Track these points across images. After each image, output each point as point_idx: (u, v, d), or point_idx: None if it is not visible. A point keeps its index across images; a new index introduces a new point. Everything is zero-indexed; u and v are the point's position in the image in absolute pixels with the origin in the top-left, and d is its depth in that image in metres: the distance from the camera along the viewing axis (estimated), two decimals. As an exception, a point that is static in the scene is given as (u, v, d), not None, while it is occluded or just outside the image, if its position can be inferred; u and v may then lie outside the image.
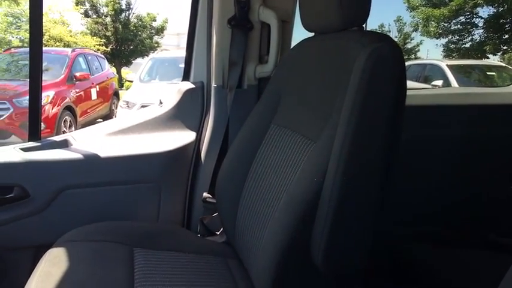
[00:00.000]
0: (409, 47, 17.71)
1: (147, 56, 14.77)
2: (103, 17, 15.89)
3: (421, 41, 17.47)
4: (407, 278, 1.46)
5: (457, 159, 1.60)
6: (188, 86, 1.40)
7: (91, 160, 1.25)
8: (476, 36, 13.82)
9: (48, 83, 5.93)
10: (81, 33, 15.32)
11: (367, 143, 0.72)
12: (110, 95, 7.91)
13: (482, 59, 12.78)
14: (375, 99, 0.73)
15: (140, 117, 1.40)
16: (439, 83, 6.65)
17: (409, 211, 1.50)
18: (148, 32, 16.69)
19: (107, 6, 15.70)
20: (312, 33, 1.06)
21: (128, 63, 16.32)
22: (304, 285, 0.78)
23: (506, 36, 13.10)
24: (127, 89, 9.46)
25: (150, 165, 1.29)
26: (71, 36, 14.43)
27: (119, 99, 8.09)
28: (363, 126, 0.71)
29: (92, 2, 15.65)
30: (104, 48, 14.72)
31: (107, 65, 8.57)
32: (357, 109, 0.71)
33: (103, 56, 8.91)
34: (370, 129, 0.72)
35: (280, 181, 0.91)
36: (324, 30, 0.99)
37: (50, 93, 5.72)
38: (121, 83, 12.07)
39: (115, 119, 1.60)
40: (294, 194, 0.78)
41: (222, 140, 1.34)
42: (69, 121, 6.06)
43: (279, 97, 1.07)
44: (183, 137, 1.38)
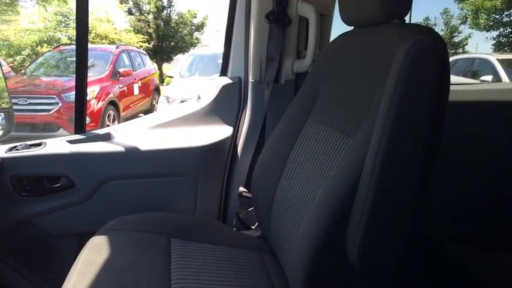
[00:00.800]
0: (456, 40, 16.92)
1: (187, 52, 15.05)
2: (145, 14, 16.32)
3: (469, 34, 16.63)
4: (443, 278, 1.41)
5: (500, 158, 1.52)
6: (226, 81, 1.42)
7: (132, 153, 1.29)
8: (531, 28, 13.04)
9: (93, 78, 6.19)
10: (124, 31, 15.83)
11: (406, 139, 0.70)
12: (151, 91, 8.13)
13: (537, 53, 12.02)
14: (415, 94, 0.70)
15: (179, 112, 1.43)
16: (489, 78, 6.29)
17: (447, 210, 1.44)
18: (188, 29, 16.99)
19: (149, 4, 16.11)
20: (351, 27, 1.04)
21: (169, 59, 16.70)
22: (338, 282, 0.77)
23: None
24: (167, 84, 9.69)
25: (187, 159, 1.32)
26: (115, 33, 14.93)
27: (159, 95, 8.30)
28: (401, 122, 0.69)
29: (135, 0, 16.12)
30: (146, 44, 15.13)
31: (148, 61, 8.80)
32: (395, 104, 0.69)
33: (145, 53, 9.16)
34: (409, 124, 0.70)
35: (315, 177, 0.90)
36: (364, 24, 0.97)
37: (95, 89, 5.97)
38: (162, 78, 12.38)
39: (155, 113, 1.64)
40: (330, 189, 0.77)
41: (258, 135, 1.35)
42: (113, 115, 6.29)
43: (316, 92, 1.06)
44: (220, 131, 1.39)
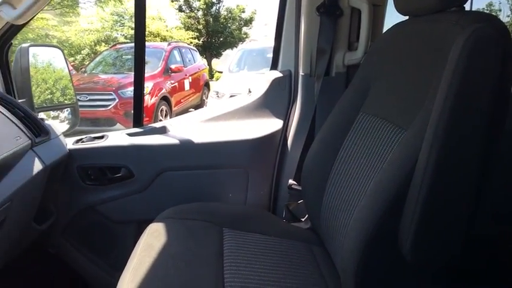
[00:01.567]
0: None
1: (236, 47, 15.21)
2: (195, 11, 16.68)
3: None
4: (498, 279, 1.33)
5: None
6: (276, 75, 1.43)
7: (186, 145, 1.35)
8: None
9: (147, 75, 6.43)
10: (175, 28, 16.28)
11: (463, 132, 0.67)
12: (201, 86, 8.33)
13: None
14: (473, 86, 0.67)
15: (230, 106, 1.47)
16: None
17: (506, 208, 1.36)
18: (237, 24, 17.15)
19: (199, 1, 16.44)
20: (406, 17, 1.01)
21: (218, 55, 16.98)
22: (389, 274, 0.76)
23: None
24: (217, 79, 9.87)
25: (239, 152, 1.36)
26: (167, 31, 15.39)
27: (209, 90, 8.48)
28: (458, 114, 0.66)
29: (186, -3, 16.54)
30: (196, 41, 15.48)
31: (198, 57, 9.01)
32: (452, 96, 0.66)
33: (195, 49, 9.38)
34: (466, 117, 0.67)
35: (367, 169, 0.89)
36: (419, 13, 0.94)
37: (149, 85, 6.21)
38: (211, 74, 12.62)
39: (207, 107, 1.69)
40: (383, 181, 0.76)
41: (308, 129, 1.35)
42: (165, 110, 6.53)
43: (368, 84, 1.04)
44: (271, 124, 1.41)
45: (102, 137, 1.40)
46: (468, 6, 0.87)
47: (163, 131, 1.41)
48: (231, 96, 5.71)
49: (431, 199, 0.66)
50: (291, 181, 1.33)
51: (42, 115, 1.43)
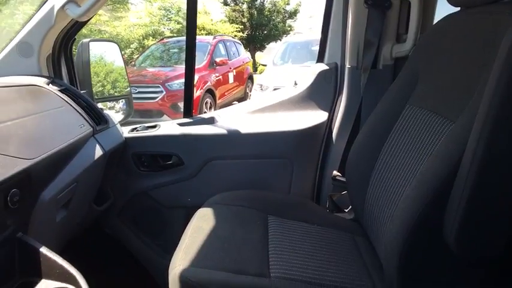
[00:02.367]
0: None
1: (280, 40, 15.13)
2: (240, 4, 16.77)
3: None
4: None
5: None
6: (322, 67, 1.44)
7: (234, 135, 1.40)
8: None
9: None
10: (220, 21, 16.46)
11: (511, 125, 0.66)
12: (245, 79, 8.41)
13: None
14: None
15: (276, 98, 1.50)
16: None
17: None
18: (281, 16, 17.07)
19: (244, -6, 16.52)
20: (457, 8, 1.00)
21: (262, 48, 17.00)
22: (431, 264, 0.77)
23: None
24: (260, 72, 9.91)
25: (284, 142, 1.39)
26: (212, 24, 15.58)
27: (253, 83, 8.54)
28: (507, 107, 0.66)
29: (231, -10, 16.65)
30: (241, 34, 15.57)
31: (243, 50, 9.09)
32: (502, 88, 0.65)
33: (240, 42, 9.47)
34: None
35: (413, 161, 0.90)
36: (471, 4, 0.92)
37: (195, 78, 6.36)
38: (255, 67, 12.67)
39: (254, 99, 1.73)
40: (428, 171, 0.77)
41: (353, 121, 1.36)
42: (210, 103, 6.67)
43: (416, 77, 1.04)
44: (316, 116, 1.43)
45: (154, 126, 1.48)
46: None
47: (211, 121, 1.47)
48: (275, 89, 5.72)
49: (476, 191, 0.66)
50: (335, 172, 1.35)
51: (100, 105, 1.54)
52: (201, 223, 1.08)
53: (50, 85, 1.27)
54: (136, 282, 1.55)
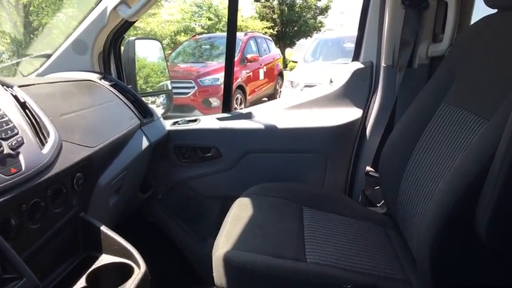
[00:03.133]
0: None
1: (310, 37, 15.04)
2: (271, 0, 16.76)
3: None
4: None
5: None
6: (357, 66, 1.48)
7: (270, 130, 1.46)
8: None
9: (223, 65, 6.69)
10: (251, 18, 16.51)
11: None
12: (275, 76, 8.43)
13: None
14: None
15: (312, 95, 1.55)
16: None
17: None
18: (312, 13, 16.96)
19: (274, -10, 16.50)
20: (495, 10, 1.02)
21: (292, 44, 16.96)
22: (463, 255, 0.80)
23: None
24: (291, 69, 9.90)
25: (319, 137, 1.44)
26: (242, 21, 15.64)
27: (283, 80, 8.56)
28: None
29: (262, -13, 16.66)
30: (271, 30, 15.58)
31: (273, 46, 9.10)
32: None
33: (270, 39, 9.49)
34: None
35: (446, 157, 0.93)
36: (509, 6, 0.94)
37: (228, 75, 6.44)
38: (285, 63, 12.67)
39: (287, 97, 1.79)
40: (462, 166, 0.80)
41: (388, 118, 1.39)
42: (240, 99, 6.75)
43: (452, 76, 1.07)
44: (350, 113, 1.47)
45: (195, 120, 1.57)
46: None
47: (249, 116, 1.54)
48: (306, 86, 5.74)
49: (507, 187, 0.69)
50: (368, 168, 1.38)
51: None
52: (240, 212, 1.15)
53: (102, 80, 1.37)
54: (174, 266, 1.64)
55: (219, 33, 11.53)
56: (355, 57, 1.53)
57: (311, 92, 1.59)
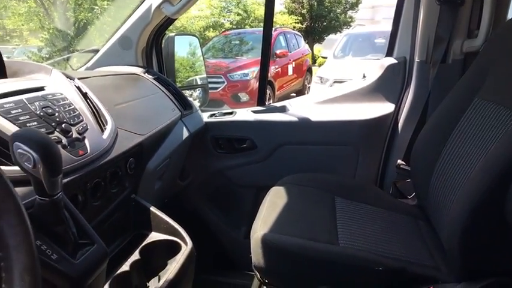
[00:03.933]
0: None
1: (340, 32, 14.86)
2: (300, -5, 16.63)
3: None
4: None
5: None
6: (391, 61, 1.51)
7: (303, 123, 1.52)
8: None
9: (253, 60, 6.77)
10: (279, 13, 16.44)
11: None
12: (304, 71, 8.43)
13: None
14: None
15: (344, 89, 1.59)
16: None
17: None
18: (342, 7, 16.72)
19: (305, -15, 16.34)
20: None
21: (320, 40, 16.79)
22: (493, 242, 0.83)
23: None
24: (319, 65, 9.85)
25: (351, 131, 1.48)
26: (271, 16, 15.59)
27: (311, 75, 8.55)
28: None
29: (290, -19, 16.53)
30: (299, 25, 15.48)
31: (303, 42, 9.09)
32: None
33: (299, 34, 9.47)
34: None
35: (479, 150, 0.96)
36: None
37: (255, 70, 6.52)
38: (313, 59, 12.59)
39: (323, 90, 1.83)
40: (493, 158, 0.83)
41: (420, 113, 1.41)
42: (269, 94, 6.80)
43: (486, 71, 1.08)
44: (383, 108, 1.51)
45: (231, 113, 1.64)
46: None
47: (283, 109, 1.60)
48: (335, 82, 5.73)
49: None
50: (400, 161, 1.42)
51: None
52: (275, 199, 1.21)
53: (146, 74, 1.46)
54: (209, 252, 1.73)
55: (248, 29, 11.59)
56: (389, 53, 1.56)
57: (344, 87, 1.63)
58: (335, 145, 1.51)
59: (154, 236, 0.95)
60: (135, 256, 0.88)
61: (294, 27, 13.68)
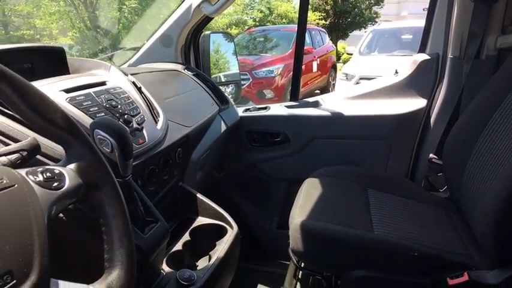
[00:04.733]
0: None
1: (364, 28, 14.68)
2: (324, -9, 16.50)
3: None
4: None
5: None
6: (424, 57, 1.53)
7: (336, 117, 1.57)
8: None
9: (277, 57, 6.80)
10: (303, 9, 16.32)
11: None
12: (328, 68, 8.38)
13: None
14: None
15: (376, 85, 1.63)
16: None
17: None
18: (367, 3, 16.50)
19: (328, -19, 16.21)
20: None
21: (344, 36, 16.64)
22: None
23: None
24: (344, 62, 9.77)
25: (383, 125, 1.52)
26: (294, 12, 15.54)
27: (336, 72, 8.50)
28: None
29: (315, -23, 16.40)
30: (323, 22, 15.36)
31: (327, 38, 9.05)
32: None
33: (324, 31, 9.43)
34: None
35: None
36: None
37: (280, 66, 6.54)
38: (338, 56, 12.49)
39: (356, 86, 1.87)
40: None
41: (453, 108, 1.44)
42: (293, 91, 6.81)
43: None
44: (415, 103, 1.53)
45: (265, 107, 1.70)
46: None
47: (316, 104, 1.65)
48: (361, 78, 5.70)
49: None
50: (432, 155, 1.45)
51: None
52: (311, 189, 1.27)
53: (185, 70, 1.54)
54: (243, 242, 1.80)
55: (272, 26, 11.61)
56: (422, 49, 1.58)
57: (376, 82, 1.66)
58: (367, 139, 1.55)
59: (202, 220, 1.03)
60: (186, 237, 0.95)
61: (318, 24, 13.59)
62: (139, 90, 1.01)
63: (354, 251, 1.00)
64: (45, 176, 0.45)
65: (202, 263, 0.95)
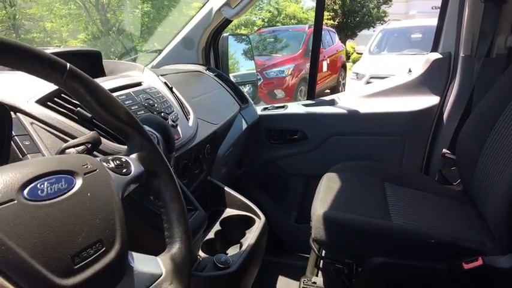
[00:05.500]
0: None
1: (373, 27, 14.65)
2: (332, -9, 16.48)
3: None
4: None
5: None
6: (436, 56, 1.59)
7: (352, 115, 1.63)
8: None
9: (288, 57, 6.85)
10: (311, 9, 16.36)
11: None
12: (338, 68, 8.41)
13: None
14: None
15: (390, 83, 1.69)
16: None
17: None
18: (375, 2, 16.45)
19: (337, -20, 16.19)
20: None
21: (353, 36, 16.61)
22: None
23: None
24: (353, 61, 9.78)
25: (397, 122, 1.58)
26: (302, 12, 15.56)
27: (345, 72, 8.53)
28: None
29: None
30: (331, 21, 15.36)
31: (337, 38, 9.08)
32: None
33: (334, 30, 9.45)
34: None
35: None
36: None
37: (290, 67, 6.59)
38: (347, 55, 12.49)
39: (370, 85, 1.92)
40: None
41: (465, 105, 1.49)
42: (304, 91, 6.87)
43: None
44: (428, 100, 1.59)
45: (283, 106, 1.77)
46: None
47: (332, 103, 1.72)
48: (372, 77, 5.73)
49: None
50: (445, 150, 1.50)
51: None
52: (330, 183, 1.33)
53: (207, 71, 1.62)
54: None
55: (282, 26, 11.65)
56: (434, 48, 1.64)
57: (390, 81, 1.72)
58: (382, 135, 1.61)
59: (230, 212, 1.10)
60: (217, 227, 1.03)
61: (326, 24, 13.58)
62: (171, 90, 1.08)
63: (374, 239, 1.06)
64: (115, 163, 0.52)
65: (233, 251, 1.02)
